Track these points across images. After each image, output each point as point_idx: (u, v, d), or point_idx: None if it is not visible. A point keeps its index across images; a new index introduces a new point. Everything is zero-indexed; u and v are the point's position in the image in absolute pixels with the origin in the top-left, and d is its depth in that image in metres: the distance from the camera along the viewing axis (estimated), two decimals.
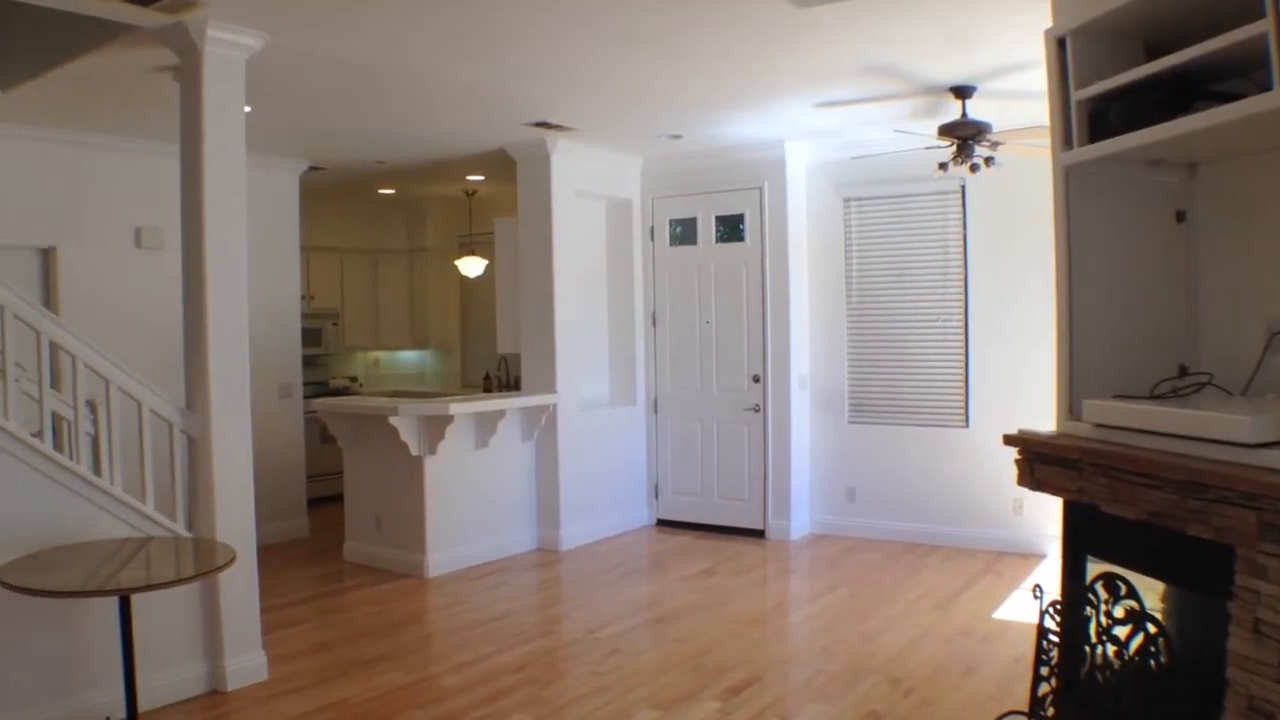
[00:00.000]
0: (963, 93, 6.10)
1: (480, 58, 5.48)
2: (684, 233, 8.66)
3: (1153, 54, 3.16)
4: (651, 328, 8.78)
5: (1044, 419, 3.78)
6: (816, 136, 7.80)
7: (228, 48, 4.82)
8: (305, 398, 8.73)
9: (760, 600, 6.54)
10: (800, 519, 8.24)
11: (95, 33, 4.98)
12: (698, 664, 5.20)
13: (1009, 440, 3.59)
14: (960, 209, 7.62)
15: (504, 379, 9.99)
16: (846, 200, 8.14)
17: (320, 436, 9.33)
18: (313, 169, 8.77)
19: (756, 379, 8.22)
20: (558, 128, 7.34)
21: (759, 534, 8.23)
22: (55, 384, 5.02)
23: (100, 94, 6.10)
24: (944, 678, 4.94)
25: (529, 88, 6.18)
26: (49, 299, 6.89)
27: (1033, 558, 7.26)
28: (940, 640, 5.51)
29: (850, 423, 8.22)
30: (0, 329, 4.29)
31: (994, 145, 6.21)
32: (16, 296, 4.35)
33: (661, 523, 8.79)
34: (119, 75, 5.66)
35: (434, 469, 7.11)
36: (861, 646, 5.44)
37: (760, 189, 8.12)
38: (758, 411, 8.22)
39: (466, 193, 10.40)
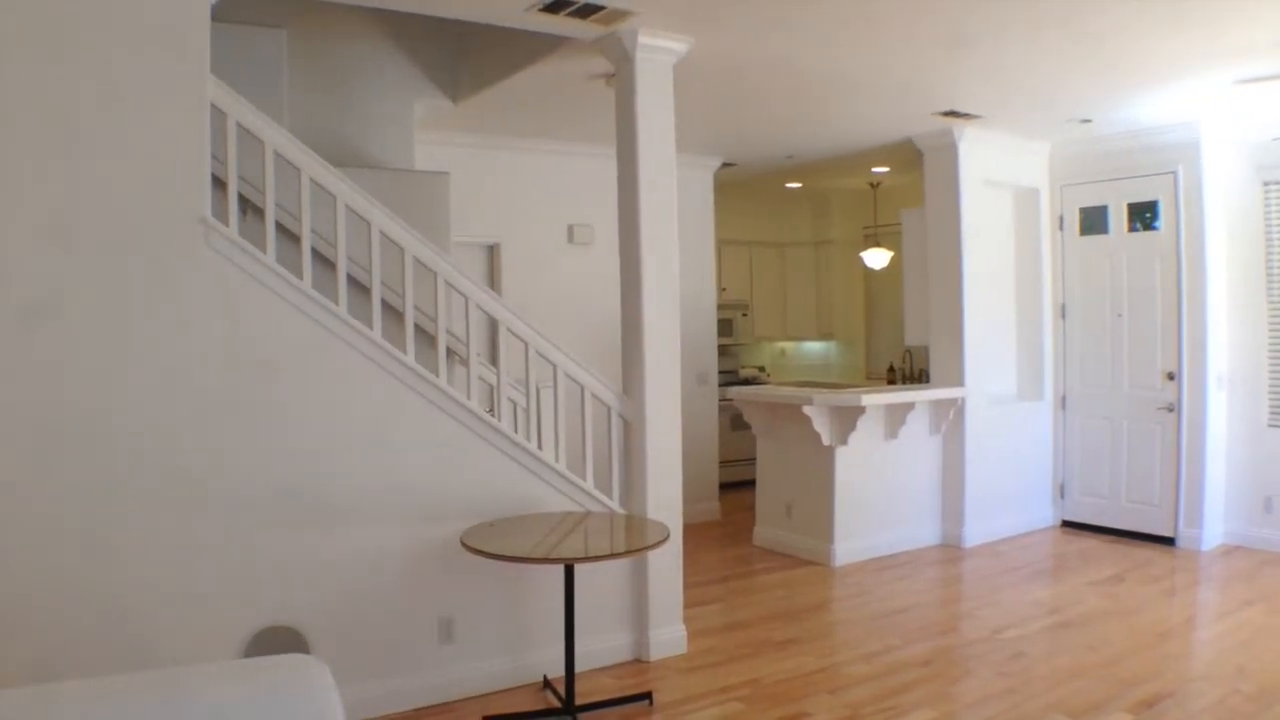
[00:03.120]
0: None
1: (891, 50, 5.44)
2: (1094, 221, 8.10)
3: None
4: (1060, 320, 8.33)
5: None
6: (1234, 116, 7.05)
7: (657, 53, 5.08)
8: (718, 386, 9.04)
9: (1170, 611, 6.03)
10: (1213, 528, 7.49)
11: (538, 46, 5.45)
12: (1107, 673, 4.88)
13: None
14: None
15: (908, 371, 9.84)
16: (1266, 184, 7.29)
17: (731, 424, 9.64)
18: (725, 165, 9.06)
19: (1171, 376, 7.58)
20: (965, 116, 7.13)
21: (1168, 541, 7.57)
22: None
23: (538, 103, 6.65)
24: None
25: (935, 77, 6.06)
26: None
27: None
28: None
29: (1270, 426, 7.37)
30: (465, 320, 4.78)
31: None
32: (482, 291, 4.83)
33: (1066, 524, 8.32)
34: (556, 84, 6.14)
35: (844, 459, 7.14)
36: None
37: (1174, 173, 7.45)
38: (1171, 411, 7.58)
39: (871, 184, 10.33)
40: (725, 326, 10.42)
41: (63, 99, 3.72)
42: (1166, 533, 7.63)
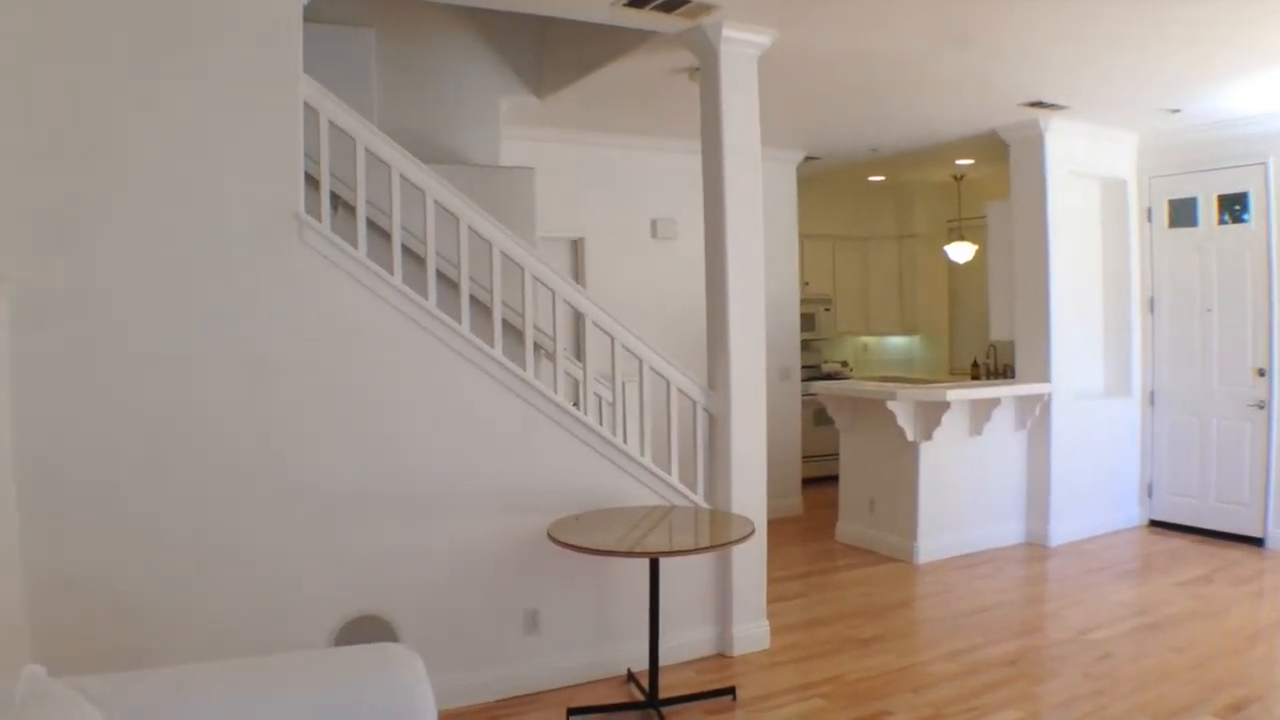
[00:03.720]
0: None
1: (977, 42, 5.36)
2: (1182, 213, 7.87)
3: None
4: (1148, 315, 8.12)
5: None
6: None
7: (742, 46, 5.06)
8: (801, 381, 9.00)
9: (1259, 614, 5.85)
10: None
11: (623, 41, 5.46)
12: (1194, 676, 4.77)
13: None
14: None
15: (992, 366, 9.70)
16: None
17: (813, 419, 9.59)
18: (808, 159, 9.01)
19: (1261, 373, 7.34)
20: (1052, 107, 6.99)
21: (1257, 542, 7.34)
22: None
23: (622, 97, 6.66)
24: None
25: (1022, 68, 5.96)
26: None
27: None
28: None
29: None
30: (551, 314, 4.82)
31: None
32: (569, 285, 4.87)
33: (1153, 523, 8.12)
34: (639, 79, 6.15)
35: (928, 455, 7.06)
36: None
37: (1264, 164, 7.21)
38: (1262, 408, 7.34)
39: (955, 177, 10.18)
40: (808, 321, 10.36)
41: (166, 101, 3.84)
42: (1256, 533, 7.40)
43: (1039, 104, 6.92)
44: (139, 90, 3.79)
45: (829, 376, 10.66)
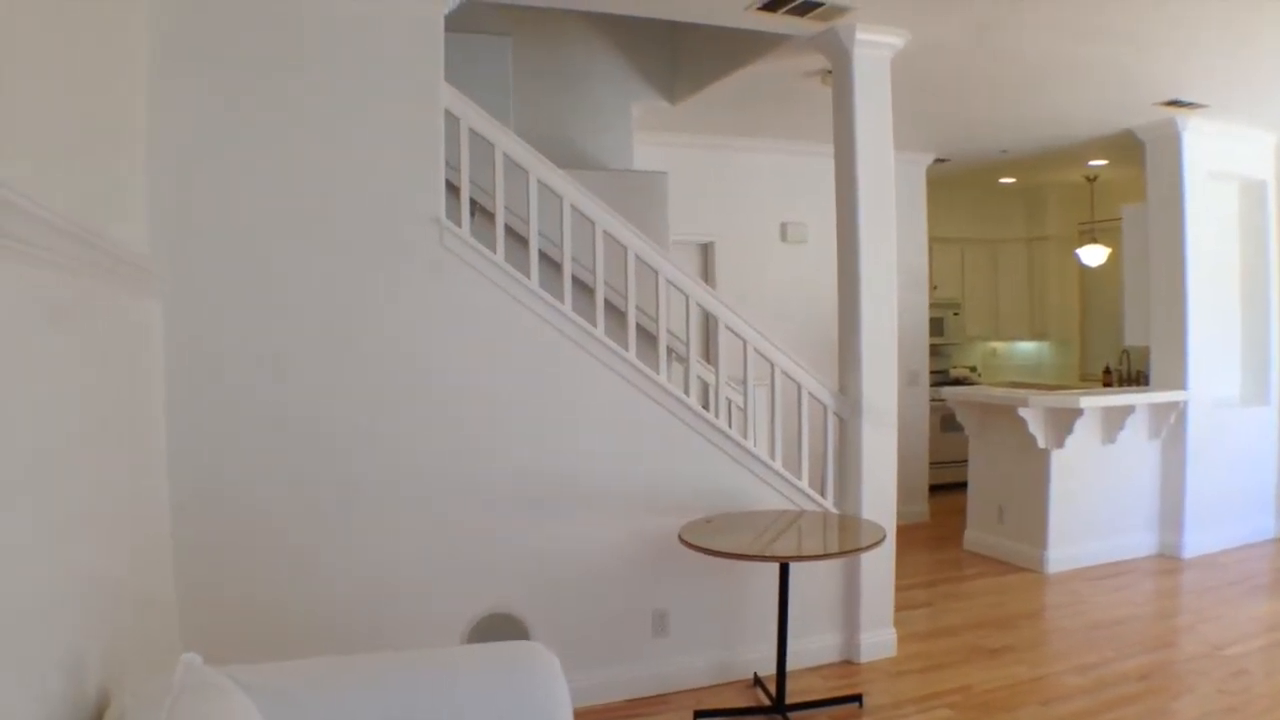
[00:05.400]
0: None
1: (1113, 37, 5.23)
2: None
3: None
4: None
5: None
6: None
7: (874, 48, 5.04)
8: (929, 386, 8.88)
9: None
10: None
11: (755, 46, 5.48)
12: None
13: None
14: None
15: (1125, 372, 9.43)
16: None
17: (941, 425, 9.45)
18: (937, 161, 8.89)
19: None
20: (1190, 106, 6.78)
21: None
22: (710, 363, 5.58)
23: (753, 101, 6.68)
24: None
25: (1159, 65, 5.79)
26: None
27: None
28: None
29: None
30: (684, 318, 4.86)
31: None
32: (702, 288, 4.91)
33: None
34: (771, 82, 6.16)
35: (1059, 463, 6.90)
36: None
37: None
38: None
39: (1087, 178, 9.90)
40: (936, 325, 10.21)
41: (313, 109, 3.99)
42: None
43: (1176, 103, 6.72)
44: (287, 98, 3.94)
45: (958, 382, 10.51)
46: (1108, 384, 9.50)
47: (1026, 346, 11.72)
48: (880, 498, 5.11)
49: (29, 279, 2.06)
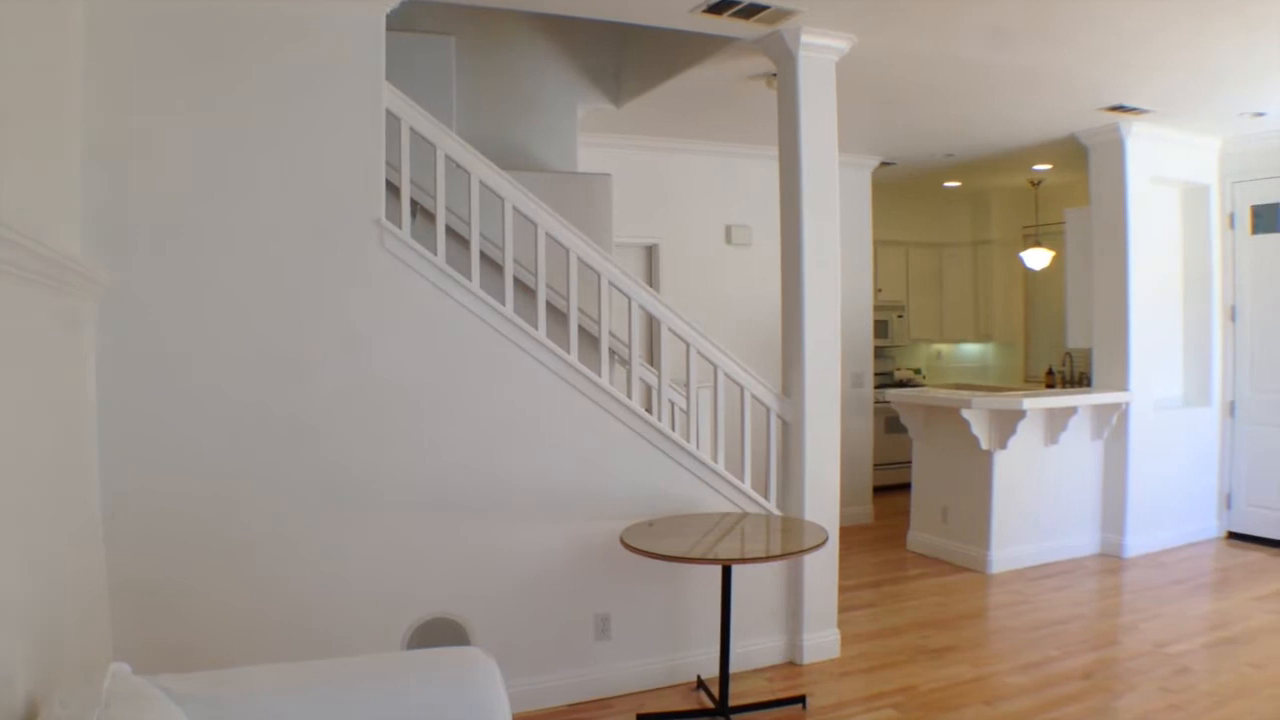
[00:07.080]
0: None
1: (1058, 43, 5.28)
2: (1266, 219, 7.67)
3: None
4: (1229, 323, 7.94)
5: None
6: None
7: (819, 52, 5.05)
8: (873, 388, 8.94)
9: None
10: None
11: (700, 48, 5.48)
12: (1275, 692, 4.66)
13: None
14: None
15: (1068, 374, 9.56)
16: None
17: (885, 426, 9.51)
18: (883, 164, 8.95)
19: None
20: (1133, 111, 6.86)
21: None
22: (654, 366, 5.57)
23: (699, 104, 6.68)
24: None
25: (1102, 70, 5.85)
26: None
27: None
28: None
29: None
30: (627, 320, 4.85)
31: None
32: (645, 291, 4.87)
33: (1232, 535, 7.95)
34: (716, 86, 6.16)
35: (1002, 464, 6.97)
36: None
37: None
38: None
39: (1032, 183, 10.04)
40: (881, 328, 10.30)
41: (252, 109, 3.93)
42: None
43: (1120, 108, 6.80)
44: (226, 99, 3.88)
45: (902, 384, 10.59)
46: (1051, 386, 9.62)
47: (971, 349, 11.84)
48: (824, 499, 5.11)
49: None
